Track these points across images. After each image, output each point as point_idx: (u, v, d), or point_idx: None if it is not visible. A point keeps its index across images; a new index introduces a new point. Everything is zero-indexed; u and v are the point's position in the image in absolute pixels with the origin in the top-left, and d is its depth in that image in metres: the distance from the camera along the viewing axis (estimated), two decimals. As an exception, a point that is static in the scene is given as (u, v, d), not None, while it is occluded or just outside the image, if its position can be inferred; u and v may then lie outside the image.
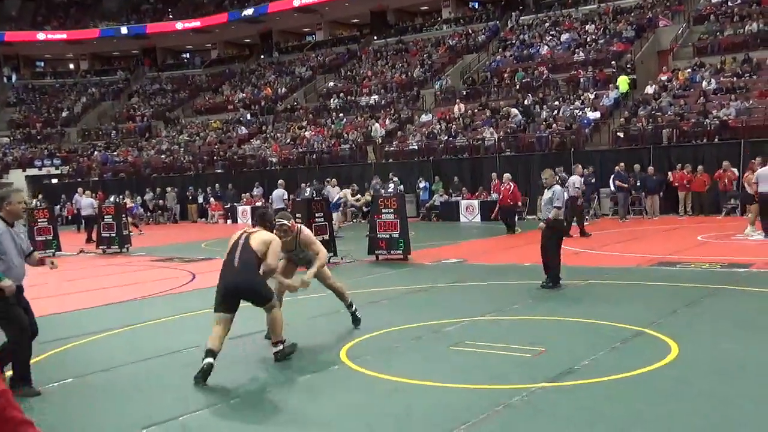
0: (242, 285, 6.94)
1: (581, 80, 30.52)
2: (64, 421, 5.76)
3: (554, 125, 27.22)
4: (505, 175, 20.72)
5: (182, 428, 5.45)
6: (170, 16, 55.27)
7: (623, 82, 28.75)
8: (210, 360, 6.53)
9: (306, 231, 8.23)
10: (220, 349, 6.69)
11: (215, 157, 37.67)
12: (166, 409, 5.88)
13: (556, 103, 29.48)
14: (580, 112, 27.75)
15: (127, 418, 5.75)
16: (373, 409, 5.71)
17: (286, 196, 19.97)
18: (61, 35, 55.13)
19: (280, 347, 7.20)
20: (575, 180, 18.93)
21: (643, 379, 6.13)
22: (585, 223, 18.99)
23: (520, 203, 21.45)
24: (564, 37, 35.17)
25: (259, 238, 7.13)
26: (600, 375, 6.24)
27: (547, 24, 37.56)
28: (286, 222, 7.95)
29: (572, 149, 25.63)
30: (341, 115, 37.60)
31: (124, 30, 54.35)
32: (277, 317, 7.17)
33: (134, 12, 57.61)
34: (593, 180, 22.87)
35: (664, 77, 28.97)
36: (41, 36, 54.89)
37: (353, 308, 8.66)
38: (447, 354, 7.22)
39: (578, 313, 8.84)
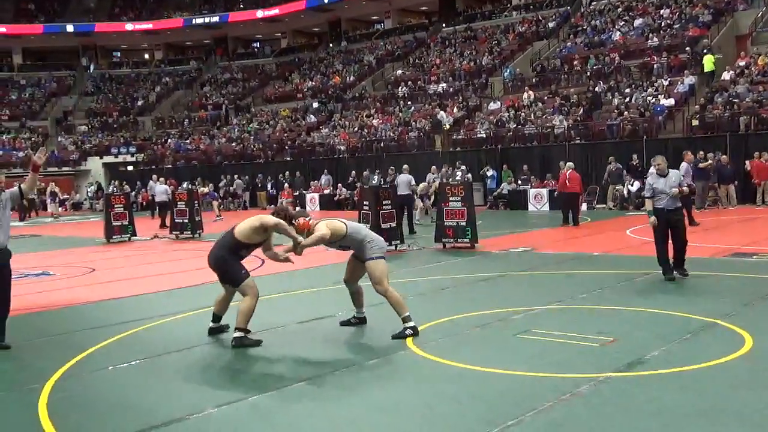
0: (210, 259, 7.70)
1: (655, 66, 29.76)
2: (136, 399, 5.96)
3: (626, 113, 26.66)
4: (566, 163, 19.94)
5: (252, 408, 5.58)
6: (241, 6, 56.04)
7: (708, 61, 27.88)
8: (211, 324, 7.89)
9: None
10: (220, 312, 7.90)
11: (284, 145, 38.18)
12: (237, 390, 6.03)
13: (628, 90, 28.86)
14: (654, 99, 27.10)
15: (200, 397, 5.91)
16: (437, 394, 5.74)
17: (413, 182, 19.26)
18: (147, 25, 56.53)
19: (240, 335, 7.35)
20: (685, 167, 17.53)
21: (716, 370, 6.00)
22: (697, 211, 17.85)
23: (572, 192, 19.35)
24: (637, 22, 34.33)
25: (246, 222, 7.65)
26: (671, 366, 6.13)
27: (620, 9, 36.69)
28: (300, 218, 7.92)
29: (645, 137, 25.08)
30: (409, 103, 37.59)
31: (215, 18, 55.19)
32: (247, 306, 7.41)
33: (206, 2, 58.62)
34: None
35: (741, 63, 28.03)
36: (129, 27, 56.43)
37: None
38: (513, 342, 7.20)
39: (648, 304, 8.68)
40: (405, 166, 19.85)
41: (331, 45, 53.33)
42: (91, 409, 5.78)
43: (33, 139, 50.55)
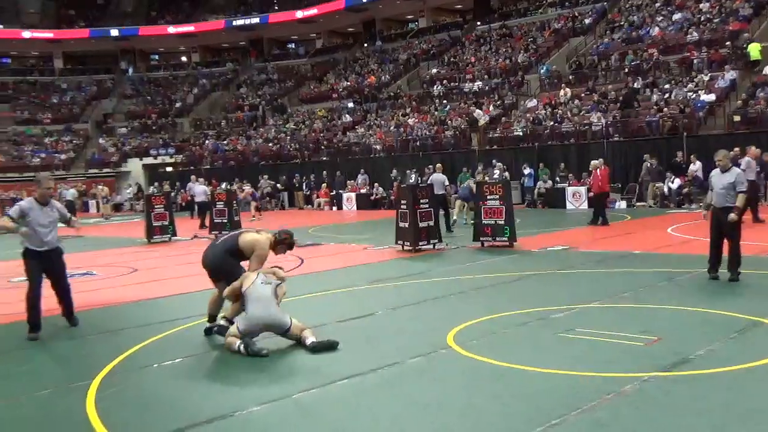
0: (210, 258, 8.08)
1: (694, 61, 29.30)
2: (181, 396, 6.05)
3: (665, 109, 26.31)
4: (593, 161, 19.52)
5: (296, 405, 5.63)
6: (276, 8, 56.40)
7: (754, 49, 27.34)
8: (207, 324, 8.11)
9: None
10: (215, 312, 8.16)
11: (320, 145, 38.36)
12: (280, 388, 6.08)
13: (667, 86, 28.47)
14: (694, 95, 26.70)
15: (244, 394, 5.98)
16: (480, 392, 5.74)
17: (447, 183, 19.13)
18: (189, 28, 57.24)
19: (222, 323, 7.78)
20: (750, 162, 16.66)
21: (763, 370, 5.91)
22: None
23: (601, 191, 18.78)
24: (676, 16, 33.83)
25: (251, 240, 7.94)
26: (717, 365, 6.05)
27: (658, 4, 36.16)
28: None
29: (685, 133, 24.73)
30: (444, 101, 37.53)
31: (255, 20, 55.55)
32: (216, 298, 8.14)
33: (242, 4, 59.09)
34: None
35: (784, 56, 27.48)
36: (171, 30, 57.22)
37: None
38: (555, 341, 7.16)
39: (692, 303, 8.57)
40: (438, 165, 19.80)
41: (365, 45, 53.44)
42: (138, 405, 5.87)
43: (74, 141, 51.47)
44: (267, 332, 7.32)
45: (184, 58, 62.69)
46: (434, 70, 42.28)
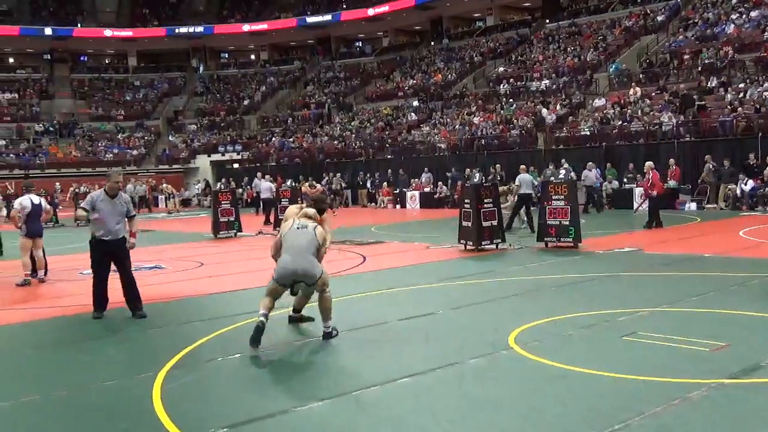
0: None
1: (772, 60, 28.37)
2: (243, 390, 6.15)
3: (740, 108, 25.53)
4: (646, 163, 18.88)
5: (356, 403, 5.66)
6: (343, 6, 56.74)
7: None
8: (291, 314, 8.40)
9: None
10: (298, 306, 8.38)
11: (385, 143, 38.44)
12: (340, 384, 6.13)
13: (742, 85, 27.61)
14: (770, 95, 25.83)
15: (304, 390, 6.06)
16: (541, 394, 5.67)
17: (536, 181, 18.95)
18: (262, 26, 58.12)
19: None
20: None
21: (838, 380, 5.70)
22: None
23: (655, 193, 17.94)
24: (754, 13, 32.77)
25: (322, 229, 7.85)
26: (788, 374, 5.85)
27: (734, 1, 35.12)
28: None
29: (760, 134, 23.96)
30: (511, 100, 37.19)
31: (327, 17, 56.04)
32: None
33: (311, 2, 59.67)
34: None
35: None
36: (246, 28, 58.15)
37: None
38: (619, 344, 7.02)
39: (762, 308, 8.29)
40: (522, 167, 19.60)
41: (432, 43, 53.33)
42: (202, 398, 5.99)
43: (146, 138, 52.81)
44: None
45: (252, 57, 63.64)
46: (501, 69, 41.93)
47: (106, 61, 62.81)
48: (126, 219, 9.28)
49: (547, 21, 45.81)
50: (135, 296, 9.22)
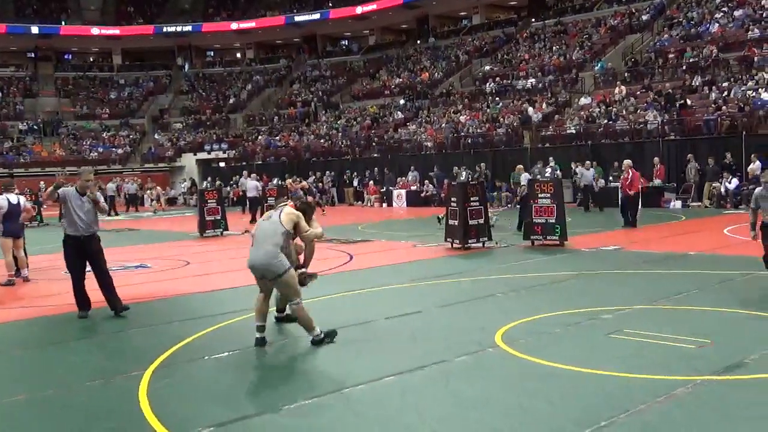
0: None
1: (755, 59, 28.55)
2: (231, 389, 6.13)
3: (724, 107, 25.71)
4: (624, 161, 18.86)
5: (343, 402, 5.66)
6: (330, 4, 56.63)
7: None
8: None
9: None
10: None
11: (371, 142, 38.44)
12: (328, 383, 6.14)
13: (726, 84, 27.80)
14: (754, 93, 26.02)
15: (290, 388, 6.07)
16: (528, 392, 5.70)
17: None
18: (250, 24, 57.89)
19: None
20: None
21: (821, 376, 5.75)
22: None
23: (632, 192, 17.85)
24: (737, 13, 33.00)
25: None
26: (772, 370, 5.91)
27: (718, 0, 35.36)
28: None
29: (744, 133, 24.13)
30: (497, 99, 37.28)
31: (315, 15, 55.92)
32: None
33: (296, 0, 59.54)
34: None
35: None
36: (234, 26, 57.98)
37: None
38: (604, 341, 7.06)
39: (748, 306, 8.37)
40: (519, 166, 19.60)
41: (418, 42, 53.36)
42: (189, 396, 5.98)
43: (131, 136, 52.54)
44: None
45: (238, 55, 63.44)
46: (487, 67, 42.02)
47: (91, 60, 62.38)
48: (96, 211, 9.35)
49: (533, 20, 45.94)
50: (112, 294, 9.21)
